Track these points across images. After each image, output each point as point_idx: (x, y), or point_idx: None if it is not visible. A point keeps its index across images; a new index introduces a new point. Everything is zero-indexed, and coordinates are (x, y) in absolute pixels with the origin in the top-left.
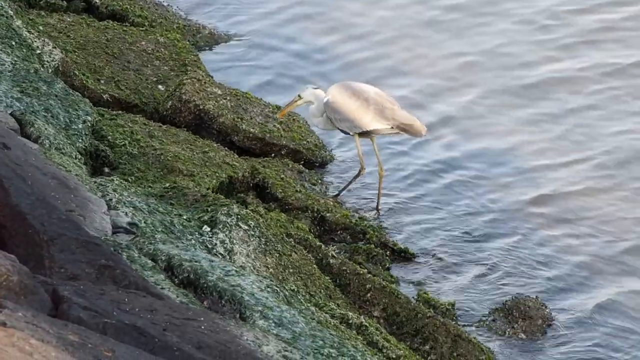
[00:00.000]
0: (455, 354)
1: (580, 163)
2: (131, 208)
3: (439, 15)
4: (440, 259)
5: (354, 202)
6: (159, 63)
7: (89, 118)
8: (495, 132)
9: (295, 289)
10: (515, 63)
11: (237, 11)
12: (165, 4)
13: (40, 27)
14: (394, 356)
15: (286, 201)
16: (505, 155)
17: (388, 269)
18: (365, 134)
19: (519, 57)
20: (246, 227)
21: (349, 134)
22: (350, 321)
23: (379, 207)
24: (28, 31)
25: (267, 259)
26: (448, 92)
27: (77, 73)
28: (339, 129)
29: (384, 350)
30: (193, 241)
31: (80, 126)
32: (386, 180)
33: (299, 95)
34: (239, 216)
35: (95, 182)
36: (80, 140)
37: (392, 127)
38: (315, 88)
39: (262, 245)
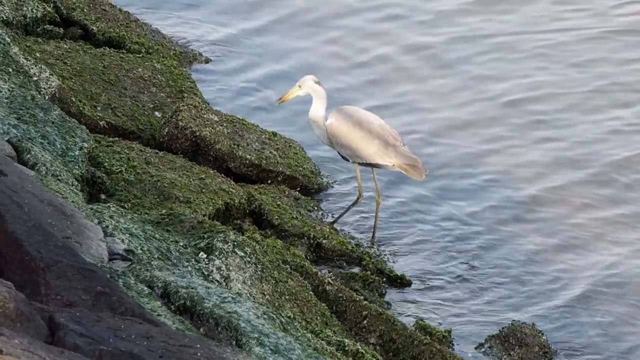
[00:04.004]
0: None
1: (580, 186)
2: (127, 235)
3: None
4: (436, 286)
5: (350, 229)
6: (156, 90)
7: (86, 145)
8: (490, 160)
9: (292, 316)
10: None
11: (233, 38)
12: (162, 31)
13: (37, 54)
14: None
15: (282, 228)
16: (501, 182)
17: (384, 295)
18: (365, 164)
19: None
20: (242, 254)
21: (348, 160)
22: (347, 348)
23: (376, 234)
24: (25, 58)
25: (263, 286)
26: (441, 119)
27: (74, 100)
28: (338, 152)
29: None
30: (189, 268)
31: (76, 153)
32: (383, 207)
33: (298, 85)
34: (235, 243)
35: (91, 208)
36: (76, 167)
37: (394, 165)
38: (317, 82)
39: (259, 272)
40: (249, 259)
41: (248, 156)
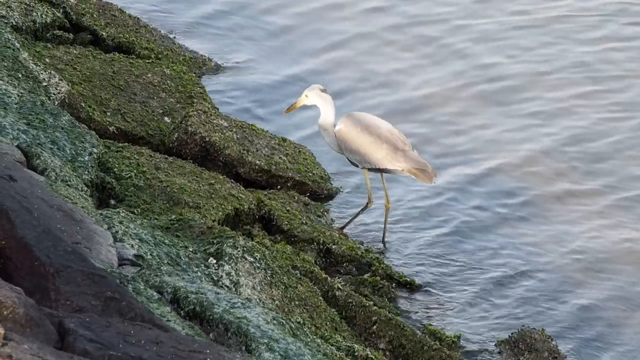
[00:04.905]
0: None
1: (591, 195)
2: (137, 240)
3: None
4: (446, 291)
5: (359, 234)
6: (165, 95)
7: (95, 150)
8: (501, 165)
9: (301, 321)
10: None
11: (243, 43)
12: (171, 36)
13: (47, 60)
14: None
15: (292, 233)
16: (511, 187)
17: (394, 301)
18: (374, 169)
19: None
20: (252, 259)
21: (357, 166)
22: (356, 353)
23: (385, 240)
24: (35, 63)
25: (272, 291)
26: (453, 123)
27: (84, 105)
28: (347, 158)
29: None
30: (199, 273)
31: (86, 158)
32: (392, 212)
33: (305, 95)
34: (244, 248)
35: (101, 214)
36: (86, 173)
37: (403, 170)
38: (323, 90)
39: (268, 278)
40: (259, 265)
41: (257, 161)
